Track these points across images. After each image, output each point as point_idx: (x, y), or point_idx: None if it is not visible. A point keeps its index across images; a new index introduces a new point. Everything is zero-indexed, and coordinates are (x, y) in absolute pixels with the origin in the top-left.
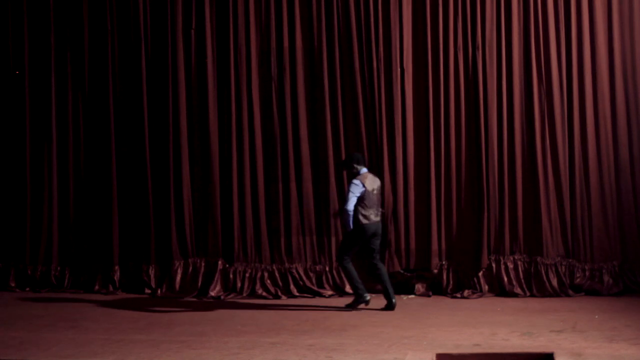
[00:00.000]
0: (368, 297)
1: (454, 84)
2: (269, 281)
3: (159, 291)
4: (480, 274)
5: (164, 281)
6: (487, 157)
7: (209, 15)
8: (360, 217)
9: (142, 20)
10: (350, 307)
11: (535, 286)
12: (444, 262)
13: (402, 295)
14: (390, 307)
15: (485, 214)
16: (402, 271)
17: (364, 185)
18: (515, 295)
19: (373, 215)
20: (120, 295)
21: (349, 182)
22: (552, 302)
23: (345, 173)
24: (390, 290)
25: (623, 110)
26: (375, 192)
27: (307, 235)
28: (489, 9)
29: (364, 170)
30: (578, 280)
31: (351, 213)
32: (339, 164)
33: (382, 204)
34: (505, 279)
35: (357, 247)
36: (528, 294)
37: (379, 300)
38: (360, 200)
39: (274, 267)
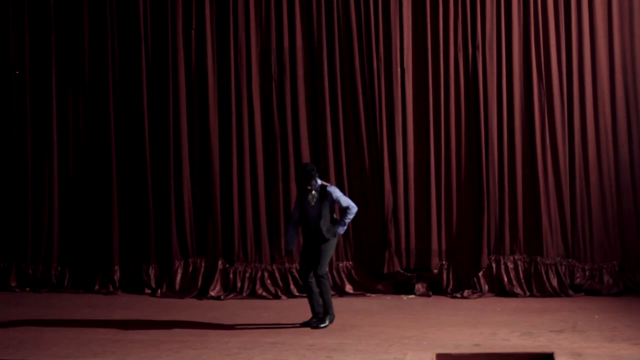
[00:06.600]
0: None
1: (454, 84)
2: (269, 281)
3: (159, 291)
4: (480, 274)
5: (164, 281)
6: (487, 157)
7: (209, 15)
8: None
9: (142, 20)
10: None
11: (535, 286)
12: (444, 262)
13: (402, 295)
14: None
15: (485, 214)
16: (402, 271)
17: None
18: (515, 295)
19: None
20: (120, 295)
21: (325, 191)
22: (552, 302)
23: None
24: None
25: (623, 110)
26: None
27: None
28: (489, 9)
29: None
30: (578, 280)
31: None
32: (306, 174)
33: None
34: (505, 279)
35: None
36: (528, 294)
37: (379, 301)
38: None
39: (274, 267)
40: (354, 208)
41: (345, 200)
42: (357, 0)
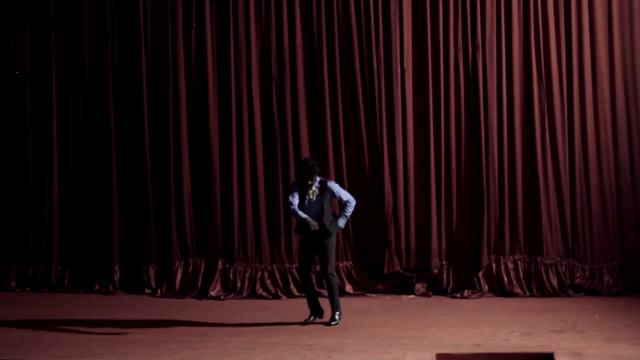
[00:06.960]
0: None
1: (454, 83)
2: (269, 281)
3: (159, 291)
4: (480, 274)
5: (164, 281)
6: (487, 157)
7: (209, 15)
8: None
9: (142, 20)
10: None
11: (535, 286)
12: (444, 262)
13: (402, 295)
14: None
15: (485, 214)
16: (402, 271)
17: None
18: (515, 295)
19: None
20: (120, 295)
21: (326, 186)
22: (552, 302)
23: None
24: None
25: (623, 110)
26: None
27: None
28: (489, 9)
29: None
30: (578, 280)
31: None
32: (309, 169)
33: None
34: (505, 279)
35: None
36: (528, 294)
37: (379, 301)
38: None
39: (274, 267)
40: (353, 201)
41: (346, 194)
42: (357, 0)
